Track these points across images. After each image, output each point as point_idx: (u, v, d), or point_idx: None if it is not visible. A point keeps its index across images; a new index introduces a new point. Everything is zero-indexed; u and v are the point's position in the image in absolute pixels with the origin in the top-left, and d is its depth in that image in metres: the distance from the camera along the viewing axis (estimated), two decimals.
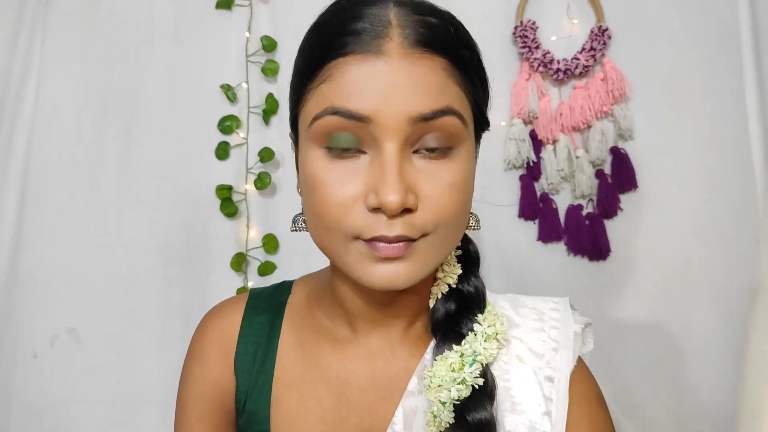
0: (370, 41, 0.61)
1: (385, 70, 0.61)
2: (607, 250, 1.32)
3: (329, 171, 0.64)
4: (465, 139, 0.66)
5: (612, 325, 1.32)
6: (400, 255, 0.63)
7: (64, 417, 1.25)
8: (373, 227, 0.62)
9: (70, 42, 1.28)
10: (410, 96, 0.61)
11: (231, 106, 1.31)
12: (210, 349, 0.83)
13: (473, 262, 0.80)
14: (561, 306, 0.81)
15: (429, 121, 0.62)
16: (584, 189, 1.32)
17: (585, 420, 0.75)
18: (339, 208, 0.63)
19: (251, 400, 0.80)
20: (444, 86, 0.63)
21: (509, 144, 1.32)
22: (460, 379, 0.71)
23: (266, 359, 0.81)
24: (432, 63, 0.62)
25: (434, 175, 0.64)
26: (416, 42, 0.62)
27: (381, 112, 0.61)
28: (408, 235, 0.63)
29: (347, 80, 0.62)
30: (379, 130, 0.61)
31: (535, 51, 1.32)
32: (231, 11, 1.31)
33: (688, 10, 1.31)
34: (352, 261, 0.65)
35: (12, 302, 1.26)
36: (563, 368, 0.76)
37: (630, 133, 1.33)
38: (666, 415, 1.29)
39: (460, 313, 0.76)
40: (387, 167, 0.61)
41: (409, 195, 0.62)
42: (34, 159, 1.27)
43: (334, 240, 0.65)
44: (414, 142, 0.63)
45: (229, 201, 1.29)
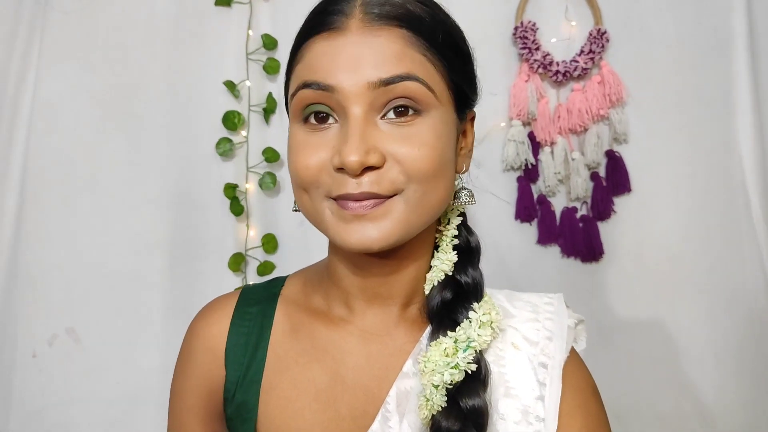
0: (334, 20, 0.67)
1: (346, 42, 0.66)
2: (601, 252, 1.34)
3: (305, 139, 0.68)
4: (435, 106, 0.68)
5: (604, 326, 1.35)
6: (369, 212, 0.66)
7: (64, 417, 1.25)
8: (339, 185, 0.65)
9: (69, 40, 1.26)
10: (370, 63, 0.65)
11: (232, 104, 1.30)
12: (198, 343, 0.84)
13: (472, 253, 0.82)
14: (555, 300, 0.84)
15: (390, 86, 0.65)
16: (579, 192, 1.34)
17: (580, 411, 0.76)
18: (309, 169, 0.67)
19: (241, 391, 0.81)
20: (404, 54, 0.66)
21: (508, 145, 1.33)
22: (453, 364, 0.72)
23: (258, 349, 0.82)
24: (390, 34, 0.67)
25: (403, 136, 0.67)
26: (376, 16, 0.67)
27: (343, 80, 0.65)
28: (375, 192, 0.65)
29: (313, 57, 0.67)
30: (343, 98, 0.65)
31: (535, 52, 1.32)
32: (231, 9, 1.30)
33: (683, 17, 1.33)
34: (327, 220, 0.68)
35: (11, 302, 1.25)
36: (557, 356, 0.77)
37: (625, 137, 1.34)
38: (656, 414, 1.32)
39: (456, 302, 0.77)
40: (350, 129, 0.65)
41: (372, 153, 0.65)
42: (33, 159, 1.25)
43: (310, 198, 0.69)
44: (380, 108, 0.67)
45: (236, 200, 1.29)
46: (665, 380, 1.33)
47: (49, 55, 1.25)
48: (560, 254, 1.36)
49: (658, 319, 1.33)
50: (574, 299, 1.32)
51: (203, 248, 1.30)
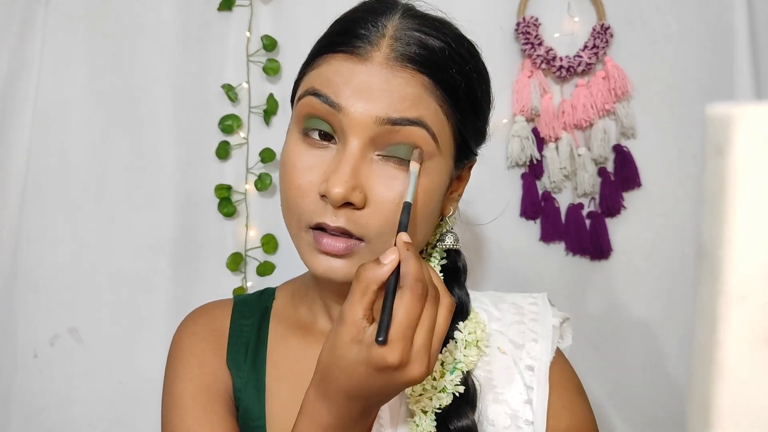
0: (361, 46, 0.67)
1: (365, 71, 0.67)
2: (609, 249, 1.31)
3: (300, 155, 0.70)
4: (433, 156, 0.69)
5: (612, 325, 1.32)
6: (340, 254, 0.68)
7: (65, 417, 1.25)
8: (319, 214, 0.68)
9: (73, 44, 1.28)
10: (382, 98, 0.66)
11: (232, 107, 1.31)
12: (204, 343, 0.85)
13: (459, 273, 0.83)
14: (539, 300, 0.85)
15: (396, 126, 0.66)
16: (586, 187, 1.32)
17: (565, 410, 0.78)
18: (298, 190, 0.69)
19: (245, 397, 0.82)
20: (419, 100, 0.67)
21: (512, 141, 1.31)
22: (441, 387, 0.73)
23: (257, 357, 0.84)
24: (411, 77, 0.67)
25: (390, 182, 0.68)
26: (401, 56, 0.67)
27: (351, 105, 0.66)
28: (349, 230, 0.67)
29: (329, 70, 0.68)
30: (347, 122, 0.66)
31: (537, 48, 1.31)
32: (231, 12, 1.31)
33: (686, 12, 1.31)
34: (301, 247, 0.71)
35: (12, 302, 1.25)
36: (543, 357, 0.78)
37: (632, 132, 1.32)
38: (666, 414, 1.29)
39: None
40: (343, 160, 0.66)
41: (356, 192, 0.66)
42: (35, 160, 1.27)
43: (292, 223, 0.72)
44: (380, 146, 0.67)
45: (227, 201, 1.29)
46: (677, 380, 1.29)
47: (52, 59, 1.27)
48: (565, 252, 1.33)
49: (668, 317, 1.30)
50: (582, 297, 1.31)
51: (204, 249, 1.31)
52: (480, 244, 1.32)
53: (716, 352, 0.31)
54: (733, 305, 0.30)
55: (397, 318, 0.57)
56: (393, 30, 0.68)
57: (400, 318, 0.57)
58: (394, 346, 0.56)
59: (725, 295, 0.30)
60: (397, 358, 0.56)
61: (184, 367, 0.83)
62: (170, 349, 0.88)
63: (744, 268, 0.30)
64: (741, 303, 0.30)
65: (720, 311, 0.31)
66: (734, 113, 0.29)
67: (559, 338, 0.83)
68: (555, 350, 0.80)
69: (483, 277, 1.32)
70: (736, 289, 0.30)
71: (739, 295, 0.30)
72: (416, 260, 0.60)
